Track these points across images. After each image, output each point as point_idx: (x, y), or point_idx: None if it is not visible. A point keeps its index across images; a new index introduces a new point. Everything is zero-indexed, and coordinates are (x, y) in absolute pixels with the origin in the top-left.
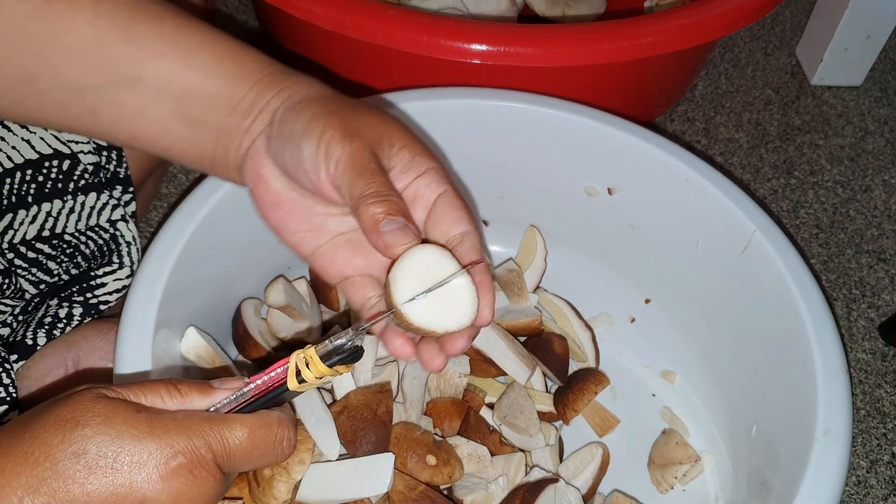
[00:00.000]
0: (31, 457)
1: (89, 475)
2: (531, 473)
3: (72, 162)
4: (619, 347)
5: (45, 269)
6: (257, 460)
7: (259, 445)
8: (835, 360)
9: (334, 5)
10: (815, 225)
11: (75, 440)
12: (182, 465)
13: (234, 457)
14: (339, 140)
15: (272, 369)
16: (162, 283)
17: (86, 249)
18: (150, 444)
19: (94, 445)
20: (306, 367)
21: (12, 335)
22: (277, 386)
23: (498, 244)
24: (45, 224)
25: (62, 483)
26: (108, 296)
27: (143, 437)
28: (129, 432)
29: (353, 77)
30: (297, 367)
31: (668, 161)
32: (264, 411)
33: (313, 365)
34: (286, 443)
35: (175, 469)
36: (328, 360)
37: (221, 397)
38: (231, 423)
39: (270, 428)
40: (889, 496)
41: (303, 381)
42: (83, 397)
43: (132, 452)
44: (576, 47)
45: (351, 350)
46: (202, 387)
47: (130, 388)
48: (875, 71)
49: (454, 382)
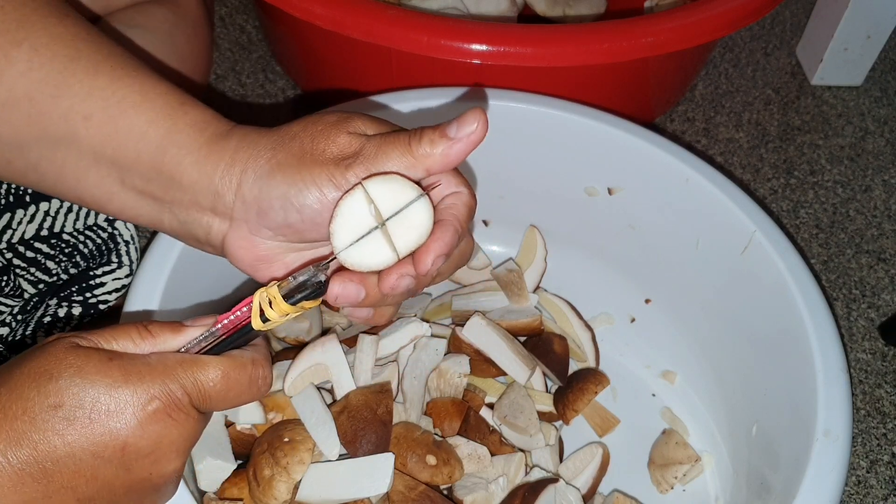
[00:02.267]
0: (10, 411)
1: (68, 426)
2: (531, 473)
3: None
4: (619, 347)
5: (44, 269)
6: (234, 400)
7: (234, 386)
8: (835, 360)
9: (334, 5)
10: (815, 225)
11: (51, 392)
12: (159, 409)
13: (209, 398)
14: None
15: (238, 307)
16: (162, 283)
17: (84, 249)
18: (126, 391)
19: (70, 397)
20: (269, 307)
21: (11, 335)
22: (246, 322)
23: (498, 244)
24: (44, 223)
25: (42, 435)
26: (107, 295)
27: (117, 384)
28: (104, 381)
29: (353, 77)
30: (261, 307)
31: (668, 161)
32: (237, 351)
33: (276, 304)
34: (261, 381)
35: (152, 413)
36: (291, 297)
37: (192, 335)
38: (205, 364)
39: (244, 368)
40: (889, 496)
41: (267, 320)
42: (55, 348)
43: (108, 401)
44: (576, 47)
45: (314, 286)
46: (173, 326)
47: (101, 334)
48: (875, 71)
49: (454, 382)
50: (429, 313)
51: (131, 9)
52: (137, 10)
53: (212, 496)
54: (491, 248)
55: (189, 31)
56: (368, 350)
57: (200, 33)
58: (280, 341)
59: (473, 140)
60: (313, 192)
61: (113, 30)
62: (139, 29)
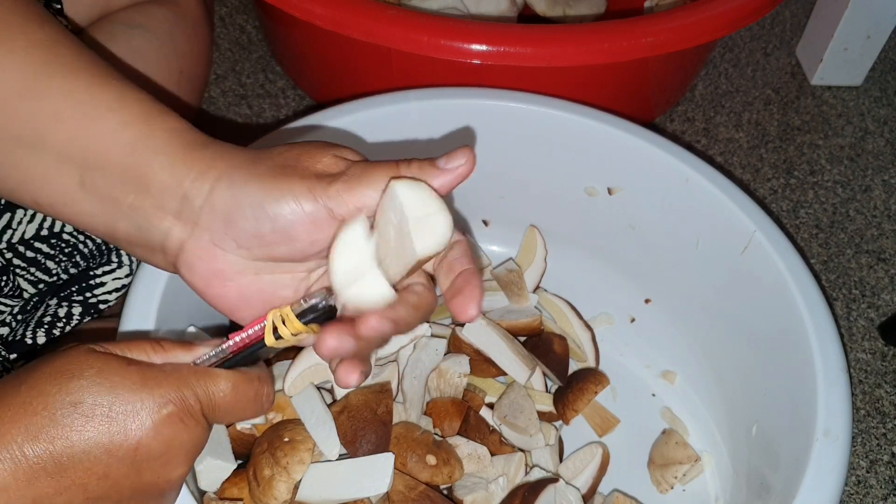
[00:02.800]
0: (30, 406)
1: (86, 423)
2: (531, 473)
3: None
4: (619, 347)
5: (44, 269)
6: (239, 413)
7: (241, 399)
8: (835, 360)
9: (334, 5)
10: (815, 225)
11: (72, 390)
12: (173, 413)
13: (218, 409)
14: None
15: (250, 327)
16: (162, 283)
17: (84, 248)
18: (143, 394)
19: (90, 395)
20: (283, 325)
21: (11, 335)
22: (255, 342)
23: (498, 244)
24: (44, 223)
25: (60, 430)
26: (107, 295)
27: (136, 387)
28: (123, 383)
29: (353, 77)
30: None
31: (668, 161)
32: (245, 368)
33: (289, 322)
34: (265, 398)
35: (166, 417)
36: (303, 318)
37: (203, 352)
38: (216, 377)
39: (252, 383)
40: (889, 496)
41: (279, 337)
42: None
43: (126, 402)
44: (576, 47)
45: (325, 309)
46: (184, 344)
47: (117, 345)
48: (875, 71)
49: (454, 382)
50: None
51: (131, 8)
52: (137, 10)
53: (212, 496)
54: (491, 248)
55: (189, 30)
56: None
57: (200, 33)
58: None
59: (460, 174)
60: (290, 202)
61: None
62: (139, 29)
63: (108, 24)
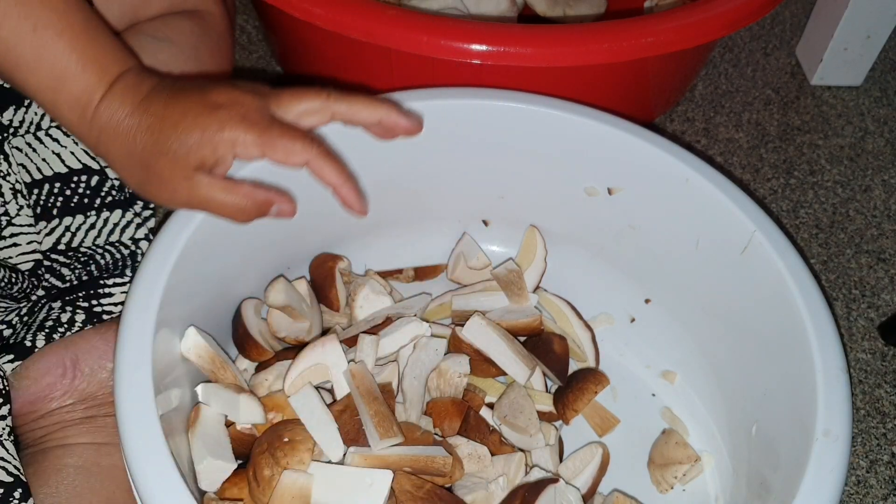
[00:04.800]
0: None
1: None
2: (531, 473)
3: (100, 178)
4: (619, 347)
5: (58, 276)
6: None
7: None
8: (835, 360)
9: (334, 5)
10: (815, 225)
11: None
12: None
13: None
14: None
15: None
16: (162, 283)
17: (101, 260)
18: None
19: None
20: None
21: (13, 336)
22: None
23: (498, 244)
24: (62, 238)
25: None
26: (112, 306)
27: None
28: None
29: (353, 77)
30: None
31: (668, 161)
32: None
33: None
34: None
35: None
36: None
37: None
38: None
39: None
40: (889, 496)
41: None
42: None
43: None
44: (576, 47)
45: None
46: None
47: None
48: (875, 71)
49: (454, 382)
50: (429, 313)
51: (158, 20)
52: (164, 22)
53: (212, 496)
54: (491, 248)
55: (213, 45)
56: (368, 350)
57: (224, 47)
58: (280, 341)
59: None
60: None
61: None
62: (165, 42)
63: (136, 35)
